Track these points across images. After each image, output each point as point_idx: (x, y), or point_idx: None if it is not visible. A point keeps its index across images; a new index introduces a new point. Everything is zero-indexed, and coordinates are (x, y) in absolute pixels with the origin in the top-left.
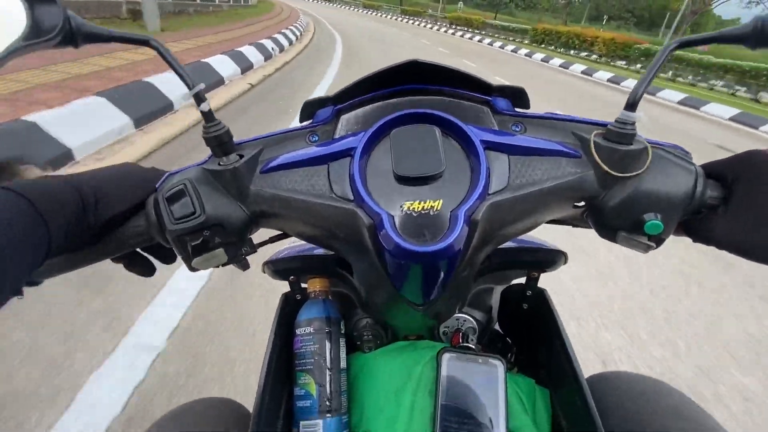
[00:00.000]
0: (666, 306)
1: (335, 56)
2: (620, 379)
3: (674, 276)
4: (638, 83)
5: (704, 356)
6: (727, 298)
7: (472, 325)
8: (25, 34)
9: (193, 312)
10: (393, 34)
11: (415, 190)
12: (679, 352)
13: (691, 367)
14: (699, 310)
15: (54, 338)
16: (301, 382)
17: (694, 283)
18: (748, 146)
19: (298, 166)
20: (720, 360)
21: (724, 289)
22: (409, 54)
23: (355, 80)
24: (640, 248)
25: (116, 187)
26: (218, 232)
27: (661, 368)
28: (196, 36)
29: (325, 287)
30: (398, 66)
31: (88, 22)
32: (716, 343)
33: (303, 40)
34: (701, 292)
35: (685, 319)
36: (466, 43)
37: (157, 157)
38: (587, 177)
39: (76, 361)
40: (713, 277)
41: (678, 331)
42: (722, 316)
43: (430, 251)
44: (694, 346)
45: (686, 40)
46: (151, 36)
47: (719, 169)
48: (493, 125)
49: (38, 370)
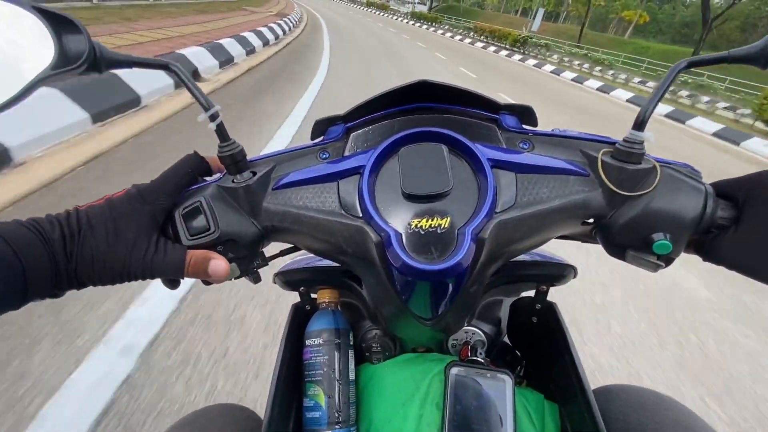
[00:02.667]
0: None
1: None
2: (625, 392)
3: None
4: (647, 103)
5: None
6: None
7: (480, 338)
8: (54, 63)
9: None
10: (360, 17)
11: (423, 207)
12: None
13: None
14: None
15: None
16: (310, 393)
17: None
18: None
19: (308, 183)
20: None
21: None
22: (369, 25)
23: (365, 99)
24: (649, 267)
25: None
26: (231, 247)
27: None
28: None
29: (334, 298)
30: (407, 86)
31: (111, 49)
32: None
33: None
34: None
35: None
36: (420, 29)
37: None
38: (595, 196)
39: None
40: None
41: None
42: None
43: (438, 269)
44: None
45: (695, 61)
46: (170, 60)
47: (730, 188)
48: (500, 143)
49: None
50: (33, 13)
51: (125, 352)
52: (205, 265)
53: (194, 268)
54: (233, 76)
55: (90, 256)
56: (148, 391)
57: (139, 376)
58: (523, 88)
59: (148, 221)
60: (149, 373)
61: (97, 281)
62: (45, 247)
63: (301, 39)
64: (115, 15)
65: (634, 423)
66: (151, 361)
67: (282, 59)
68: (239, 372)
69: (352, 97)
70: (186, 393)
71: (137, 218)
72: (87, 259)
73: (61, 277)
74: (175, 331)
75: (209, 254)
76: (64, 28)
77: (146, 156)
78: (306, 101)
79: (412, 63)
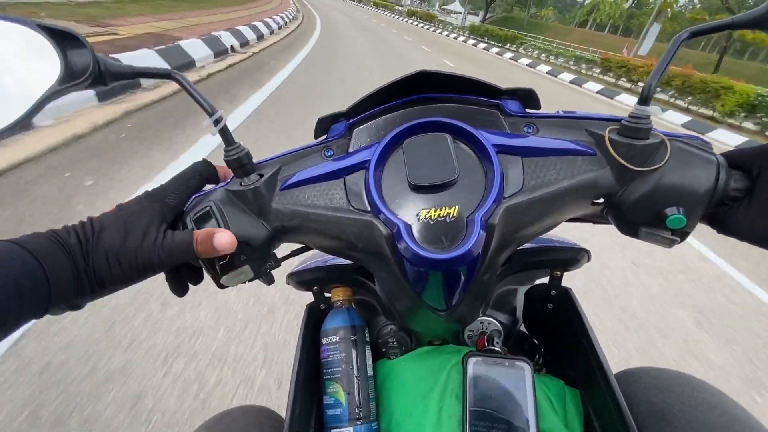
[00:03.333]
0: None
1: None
2: (648, 374)
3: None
4: (650, 77)
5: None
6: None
7: (496, 328)
8: (60, 78)
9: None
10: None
11: (431, 197)
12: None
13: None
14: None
15: None
16: (330, 390)
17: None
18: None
19: (315, 182)
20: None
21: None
22: (357, 14)
23: (365, 94)
24: (664, 243)
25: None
26: (244, 250)
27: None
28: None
29: (348, 296)
30: (407, 77)
31: (114, 61)
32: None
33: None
34: None
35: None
36: (403, 22)
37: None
38: (604, 174)
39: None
40: None
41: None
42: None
43: (449, 258)
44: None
45: (698, 29)
46: (172, 70)
47: (742, 159)
48: (504, 128)
49: None
50: (37, 30)
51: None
52: (210, 240)
53: (202, 245)
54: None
55: (104, 253)
56: None
57: None
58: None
59: (156, 216)
60: None
61: (115, 280)
62: (65, 253)
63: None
64: (154, 6)
65: (660, 405)
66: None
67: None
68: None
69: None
70: None
71: (146, 214)
72: (102, 257)
73: (82, 283)
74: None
75: (213, 230)
76: (69, 43)
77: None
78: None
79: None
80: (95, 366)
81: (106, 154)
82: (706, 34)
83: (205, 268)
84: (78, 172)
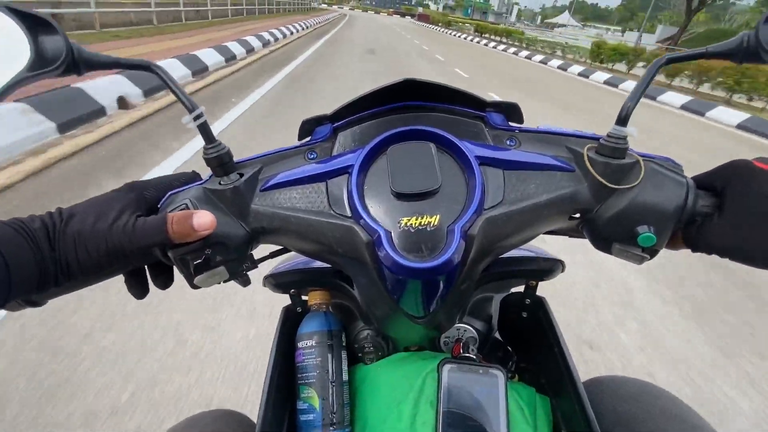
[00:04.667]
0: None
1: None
2: (614, 382)
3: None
4: (628, 99)
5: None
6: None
7: (472, 335)
8: (30, 64)
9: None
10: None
11: (413, 205)
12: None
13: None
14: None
15: None
16: (304, 395)
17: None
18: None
19: (297, 184)
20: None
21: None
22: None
23: (352, 99)
24: (635, 260)
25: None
26: (220, 251)
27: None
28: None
29: (325, 299)
30: (394, 85)
31: (89, 49)
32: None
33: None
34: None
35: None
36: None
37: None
38: (581, 190)
39: None
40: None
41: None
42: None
43: (428, 267)
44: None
45: (674, 57)
46: (151, 61)
47: (708, 179)
48: (487, 140)
49: None
50: (7, 14)
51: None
52: (189, 220)
53: (178, 226)
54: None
55: (72, 238)
56: None
57: None
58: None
59: (130, 204)
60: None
61: (83, 267)
62: (27, 241)
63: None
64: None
65: (625, 413)
66: None
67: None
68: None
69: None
70: None
71: (120, 201)
72: (69, 242)
73: (47, 273)
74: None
75: (190, 211)
76: (41, 29)
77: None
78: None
79: None
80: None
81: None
82: (683, 62)
83: (177, 267)
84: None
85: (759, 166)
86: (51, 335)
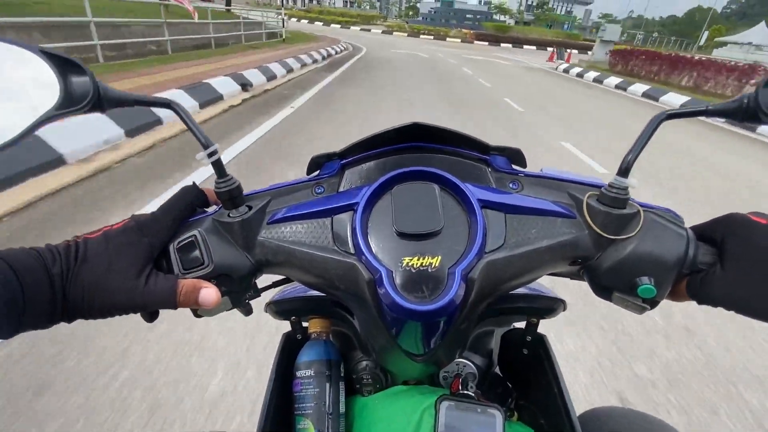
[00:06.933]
0: None
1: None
2: (610, 414)
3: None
4: (629, 152)
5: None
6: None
7: (472, 371)
8: (58, 103)
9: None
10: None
11: (415, 245)
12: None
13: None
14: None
15: None
16: (300, 426)
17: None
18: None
19: (303, 219)
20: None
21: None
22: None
23: (361, 138)
24: (635, 309)
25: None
26: (224, 281)
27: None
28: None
29: (326, 328)
30: (401, 127)
31: (112, 87)
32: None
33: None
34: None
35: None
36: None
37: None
38: (582, 238)
39: None
40: None
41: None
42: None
43: (428, 310)
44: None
45: (674, 113)
46: (171, 100)
47: (707, 231)
48: (490, 183)
49: None
50: (40, 56)
51: None
52: (196, 294)
53: (185, 297)
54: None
55: (82, 287)
56: None
57: None
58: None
59: (143, 253)
60: None
61: (88, 315)
62: (45, 275)
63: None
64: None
65: None
66: None
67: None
68: None
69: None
70: None
71: (133, 250)
72: (78, 290)
73: (55, 308)
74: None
75: (200, 283)
76: (70, 70)
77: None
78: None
79: None
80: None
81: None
82: (682, 117)
83: None
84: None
85: (756, 221)
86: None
